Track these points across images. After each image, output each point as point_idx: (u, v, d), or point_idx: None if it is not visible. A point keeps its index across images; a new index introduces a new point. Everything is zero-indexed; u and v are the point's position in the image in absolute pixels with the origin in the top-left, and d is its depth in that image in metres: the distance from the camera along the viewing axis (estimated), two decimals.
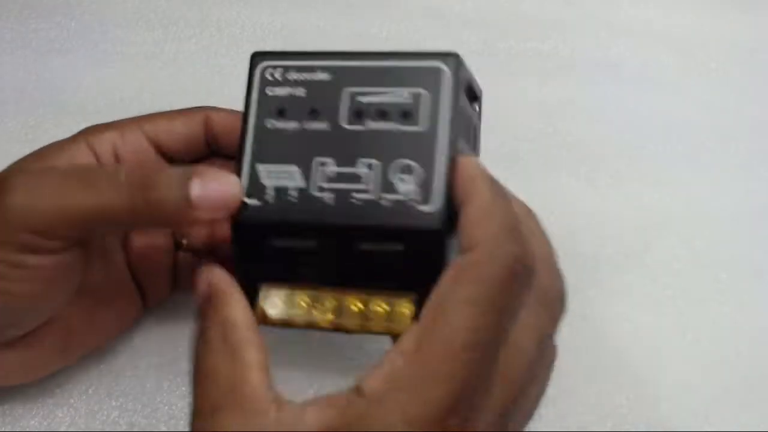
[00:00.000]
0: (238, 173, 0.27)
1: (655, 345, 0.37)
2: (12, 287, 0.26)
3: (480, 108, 0.30)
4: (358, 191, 0.26)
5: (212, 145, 0.32)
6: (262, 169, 0.27)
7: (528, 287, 0.23)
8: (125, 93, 0.47)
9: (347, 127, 0.27)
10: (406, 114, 0.26)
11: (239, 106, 0.29)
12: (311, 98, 0.27)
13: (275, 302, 0.27)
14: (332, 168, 0.26)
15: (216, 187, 0.26)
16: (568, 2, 0.52)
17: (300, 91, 0.28)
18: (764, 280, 0.40)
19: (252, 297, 0.28)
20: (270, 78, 0.28)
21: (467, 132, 0.28)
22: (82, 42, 0.50)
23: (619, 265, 0.40)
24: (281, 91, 0.28)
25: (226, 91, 0.33)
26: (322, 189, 0.26)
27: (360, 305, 0.26)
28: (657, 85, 0.48)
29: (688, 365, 0.36)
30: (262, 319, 0.28)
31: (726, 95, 0.48)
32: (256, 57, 0.29)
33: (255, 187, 0.27)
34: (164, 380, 0.34)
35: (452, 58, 0.26)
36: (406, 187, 0.25)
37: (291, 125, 0.27)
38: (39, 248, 0.26)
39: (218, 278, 0.25)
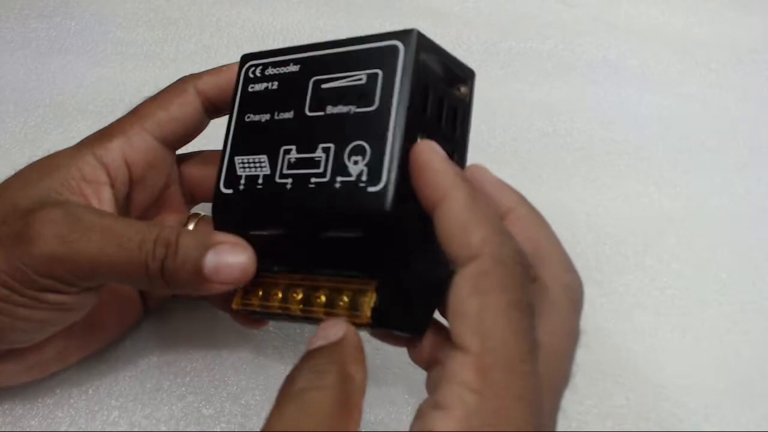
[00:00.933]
0: (220, 166, 0.28)
1: (655, 345, 0.37)
2: (31, 314, 0.27)
3: (471, 91, 0.29)
4: (314, 176, 0.26)
5: (212, 112, 0.32)
6: (238, 160, 0.28)
7: (531, 274, 0.23)
8: (125, 93, 0.47)
9: (309, 114, 0.27)
10: (362, 96, 0.26)
11: None
12: (282, 90, 0.28)
13: (254, 290, 0.28)
14: (294, 155, 0.27)
15: (228, 262, 0.26)
16: (568, 2, 0.52)
17: (274, 85, 0.28)
18: (764, 280, 0.40)
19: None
20: (252, 76, 0.29)
21: (438, 112, 0.27)
22: (82, 42, 0.50)
23: (619, 265, 0.40)
24: (259, 87, 0.29)
25: None
26: (284, 176, 0.27)
27: (324, 297, 0.26)
28: (657, 85, 0.48)
29: (688, 365, 0.36)
30: (242, 306, 0.28)
31: (726, 95, 0.48)
32: (244, 58, 0.30)
33: (231, 177, 0.28)
34: (164, 380, 0.34)
35: (409, 35, 0.25)
36: (358, 168, 0.25)
37: (264, 117, 0.28)
38: (59, 291, 0.27)
39: (353, 333, 0.24)
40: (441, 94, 0.27)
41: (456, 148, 0.28)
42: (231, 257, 0.26)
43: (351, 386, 0.22)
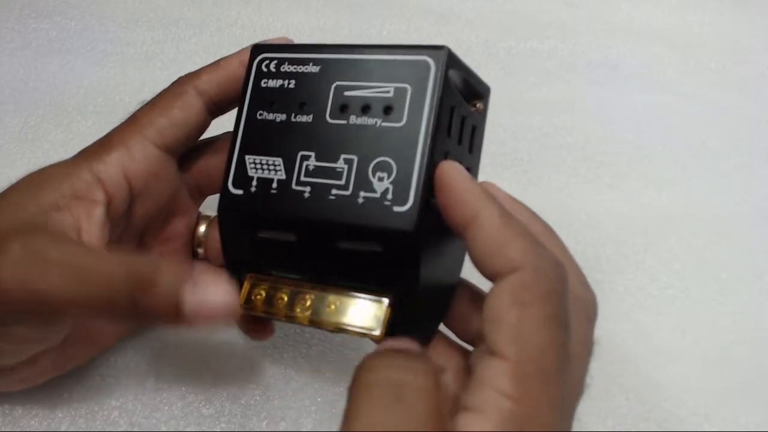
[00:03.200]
0: (228, 164, 0.27)
1: (655, 345, 0.37)
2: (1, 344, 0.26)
3: (485, 107, 0.29)
4: (335, 187, 0.25)
5: (215, 111, 0.31)
6: (249, 159, 0.27)
7: (568, 289, 0.23)
8: (125, 93, 0.47)
9: (331, 121, 0.26)
10: (389, 109, 0.25)
11: None
12: (300, 91, 0.27)
13: (258, 293, 0.27)
14: (313, 162, 0.26)
15: (210, 300, 0.24)
16: (568, 2, 0.52)
17: (291, 83, 0.27)
18: (764, 280, 0.40)
19: (237, 287, 0.28)
20: (265, 70, 0.28)
21: (459, 131, 0.27)
22: (82, 42, 0.50)
23: (619, 265, 0.40)
24: (274, 83, 0.28)
25: None
26: (302, 183, 0.26)
27: (335, 306, 0.26)
28: (657, 85, 0.48)
29: (688, 365, 0.36)
30: (245, 309, 0.28)
31: (726, 95, 0.48)
32: (256, 49, 0.29)
33: (241, 177, 0.27)
34: (164, 380, 0.34)
35: (440, 52, 0.25)
36: (383, 185, 0.25)
37: (279, 117, 0.27)
38: (23, 323, 0.25)
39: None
40: (463, 113, 0.27)
41: (472, 165, 0.28)
42: (212, 296, 0.24)
43: (442, 398, 0.21)
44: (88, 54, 0.49)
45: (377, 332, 0.25)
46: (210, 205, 0.35)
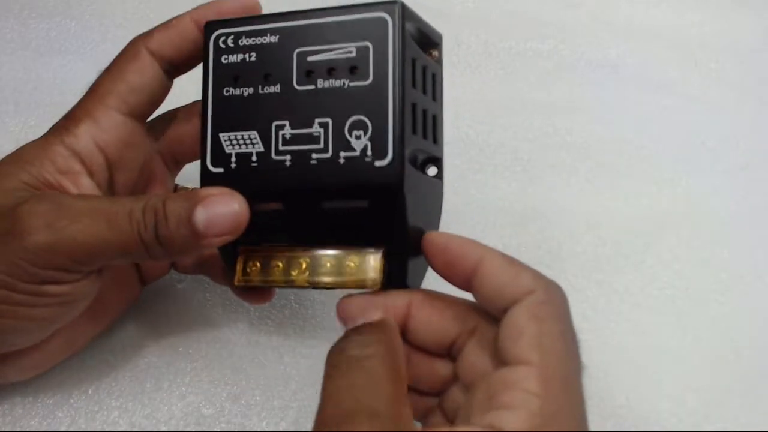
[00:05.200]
0: (204, 145, 0.28)
1: (655, 345, 0.37)
2: (33, 313, 0.27)
3: (440, 54, 0.30)
4: (315, 151, 0.26)
5: (172, 72, 0.31)
6: (224, 137, 0.28)
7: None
8: None
9: (299, 88, 0.27)
10: (354, 69, 0.26)
11: None
12: (263, 62, 0.27)
13: (253, 265, 0.28)
14: (289, 131, 0.27)
15: (219, 212, 0.26)
16: (568, 3, 0.52)
17: (252, 56, 0.28)
18: (764, 280, 0.40)
19: (231, 261, 0.29)
20: (223, 46, 0.28)
21: (423, 81, 0.28)
22: (82, 42, 0.50)
23: (619, 265, 0.40)
24: (234, 58, 0.28)
25: None
26: (281, 152, 0.27)
27: (332, 262, 0.27)
28: (657, 85, 0.48)
29: (688, 365, 0.36)
30: (243, 283, 0.28)
31: (726, 95, 0.48)
32: (209, 26, 0.29)
33: (218, 155, 0.27)
34: (164, 380, 0.34)
35: (394, 6, 0.26)
36: (361, 143, 0.25)
37: (246, 91, 0.27)
38: (60, 280, 0.26)
39: (391, 316, 0.26)
40: (423, 63, 0.28)
41: (437, 112, 0.29)
42: (221, 207, 0.26)
43: (397, 356, 0.24)
44: (88, 54, 0.49)
45: (376, 281, 0.26)
46: (189, 177, 0.35)
